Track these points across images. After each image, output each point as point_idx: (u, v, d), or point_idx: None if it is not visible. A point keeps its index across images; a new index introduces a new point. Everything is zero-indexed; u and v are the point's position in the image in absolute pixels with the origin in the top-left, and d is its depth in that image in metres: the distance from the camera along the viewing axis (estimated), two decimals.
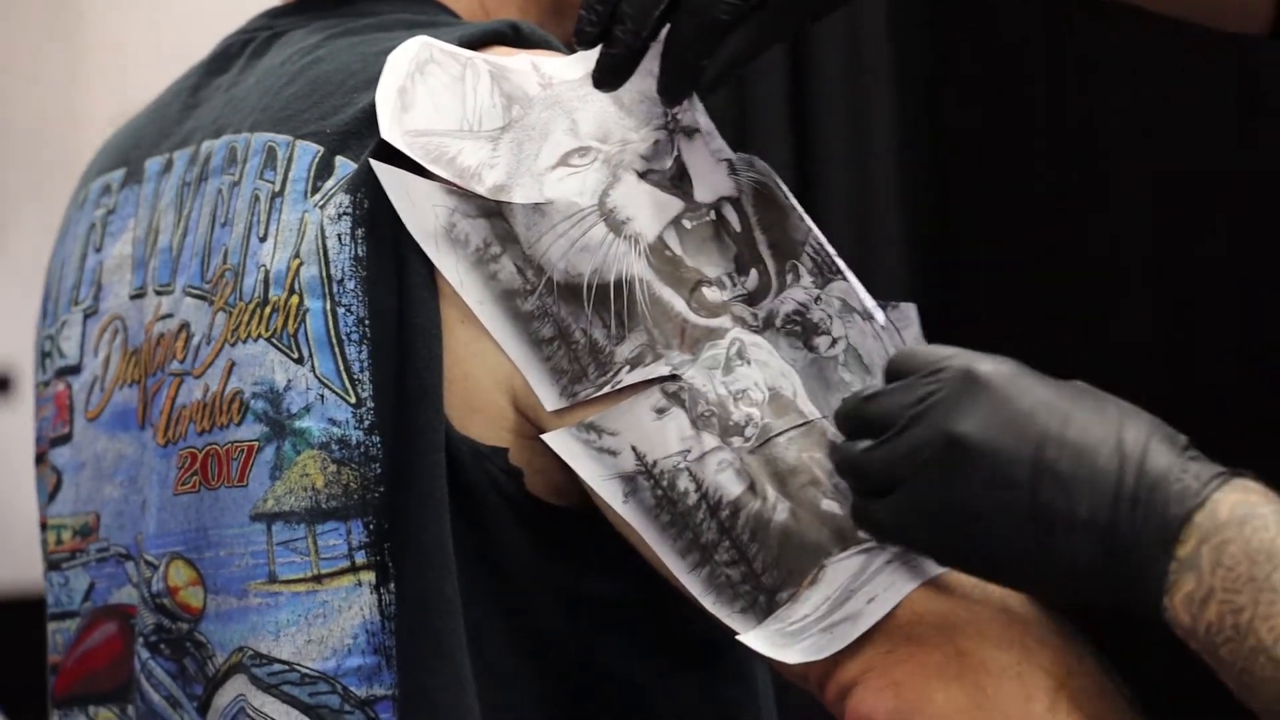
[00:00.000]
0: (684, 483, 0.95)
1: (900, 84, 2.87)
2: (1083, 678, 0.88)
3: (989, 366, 0.85)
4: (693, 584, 0.95)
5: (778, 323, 0.97)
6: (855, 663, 0.90)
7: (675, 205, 0.98)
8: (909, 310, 1.00)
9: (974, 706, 0.87)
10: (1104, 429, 0.82)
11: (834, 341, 0.98)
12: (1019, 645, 0.88)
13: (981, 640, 0.88)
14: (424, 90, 1.01)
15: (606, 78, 0.97)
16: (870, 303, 0.98)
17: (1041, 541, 0.83)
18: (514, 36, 1.07)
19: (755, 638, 0.93)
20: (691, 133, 1.01)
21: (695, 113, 1.01)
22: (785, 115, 2.77)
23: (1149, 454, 0.81)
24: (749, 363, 0.95)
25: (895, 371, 0.89)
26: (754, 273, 0.98)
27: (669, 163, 0.99)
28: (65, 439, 1.16)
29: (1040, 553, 0.83)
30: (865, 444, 0.88)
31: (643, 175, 0.98)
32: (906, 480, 0.86)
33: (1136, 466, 0.81)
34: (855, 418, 0.89)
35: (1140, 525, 0.80)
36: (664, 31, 0.97)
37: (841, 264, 0.99)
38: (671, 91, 0.97)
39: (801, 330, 0.97)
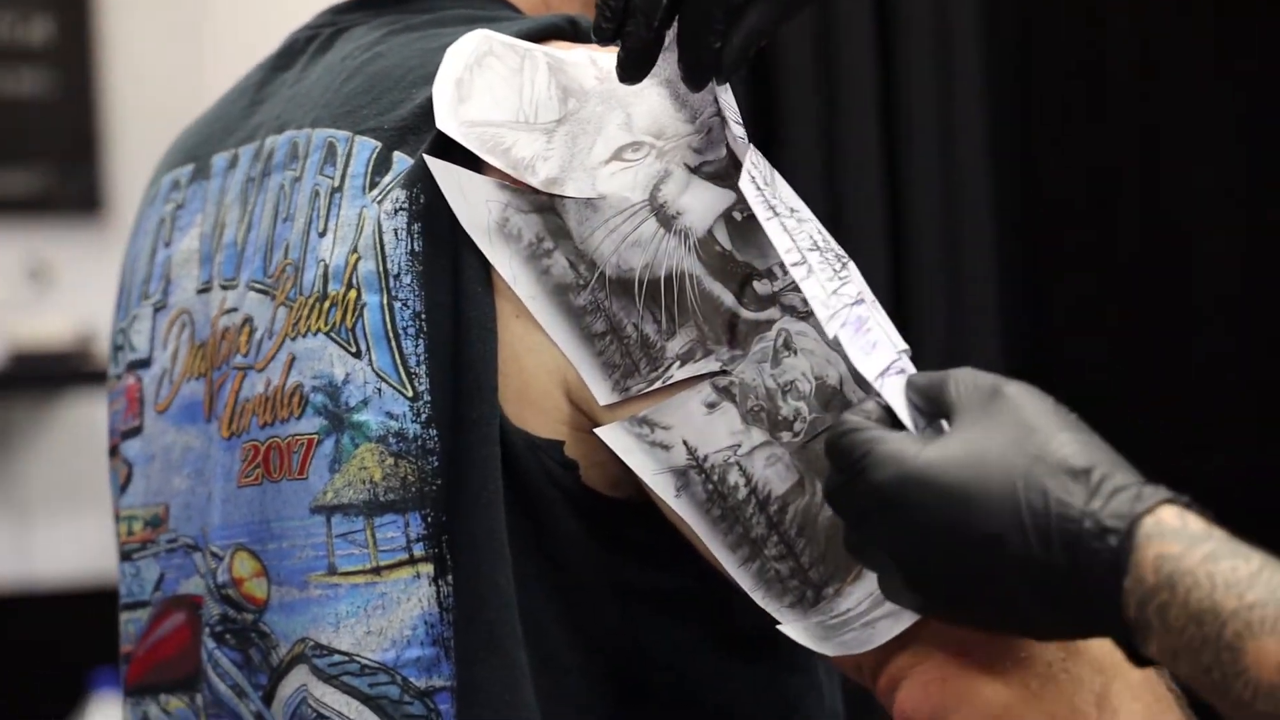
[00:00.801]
0: (734, 477, 0.95)
1: (989, 64, 2.85)
2: (1129, 674, 0.87)
3: (883, 476, 0.83)
4: (743, 578, 0.96)
5: None
6: (904, 656, 0.91)
7: (726, 199, 0.98)
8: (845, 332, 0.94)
9: (1019, 702, 0.86)
10: (1010, 521, 0.79)
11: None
12: (1064, 642, 0.87)
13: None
14: (482, 82, 1.02)
15: (628, 72, 0.97)
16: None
17: (1007, 619, 0.83)
18: (572, 31, 1.07)
19: (797, 629, 0.93)
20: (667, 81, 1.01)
21: (721, 95, 1.00)
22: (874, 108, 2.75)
23: (1059, 534, 0.78)
24: (795, 352, 0.95)
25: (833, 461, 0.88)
26: None
27: (722, 151, 0.99)
28: (136, 431, 1.18)
29: (1016, 621, 0.83)
30: (838, 479, 0.87)
31: (695, 169, 0.98)
32: (857, 524, 0.86)
33: (1056, 549, 0.78)
34: (829, 452, 0.88)
35: (1084, 604, 0.79)
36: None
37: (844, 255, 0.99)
38: (693, 76, 0.97)
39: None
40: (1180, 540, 0.76)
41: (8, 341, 3.68)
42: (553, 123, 1.01)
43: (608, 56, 1.03)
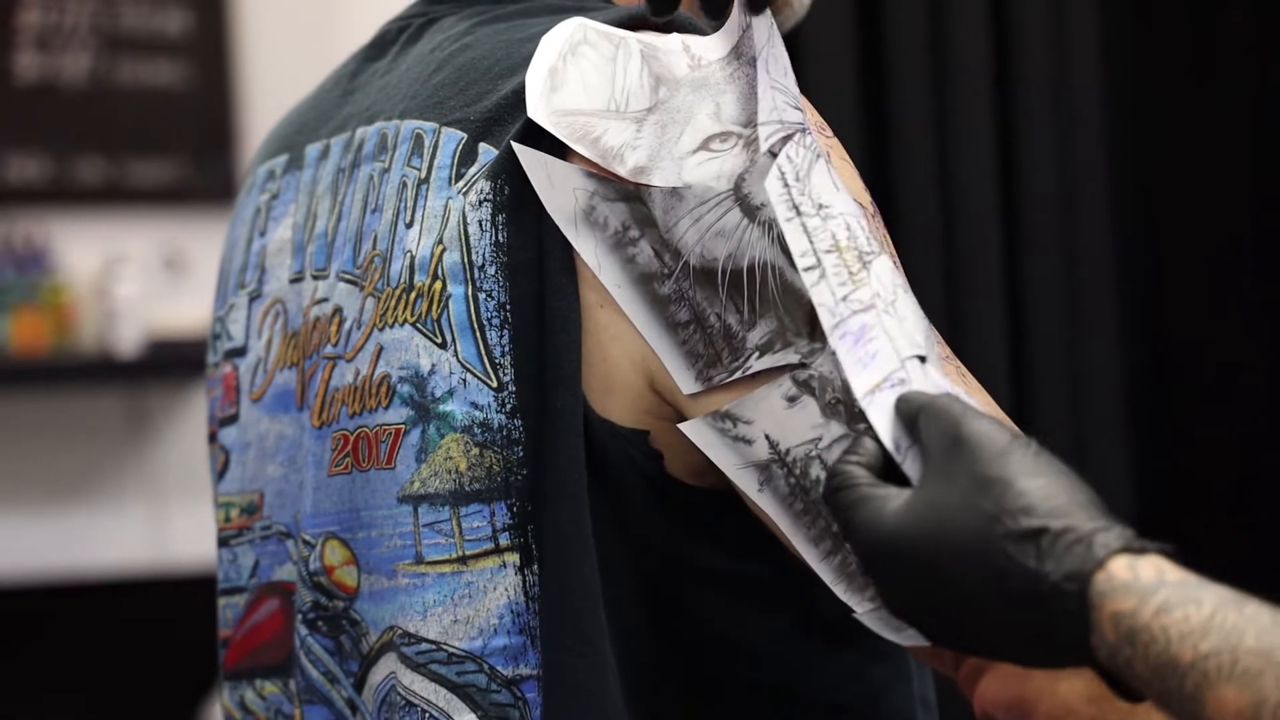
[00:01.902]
0: (816, 470, 0.95)
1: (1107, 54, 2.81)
2: None
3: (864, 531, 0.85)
4: (825, 571, 0.95)
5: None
6: None
7: None
8: (842, 345, 0.94)
9: (1094, 698, 0.85)
10: (977, 586, 0.80)
11: None
12: None
13: None
14: (575, 71, 1.02)
15: (658, 6, 1.00)
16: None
17: (1000, 656, 0.84)
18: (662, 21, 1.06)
19: (872, 618, 0.93)
20: (752, 61, 1.00)
21: (778, 78, 0.99)
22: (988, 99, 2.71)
23: (1022, 598, 0.79)
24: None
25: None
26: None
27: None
28: (232, 419, 1.20)
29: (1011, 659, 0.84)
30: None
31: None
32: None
33: (1024, 611, 0.79)
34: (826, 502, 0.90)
35: (1063, 658, 0.79)
36: None
37: None
38: (711, 6, 0.98)
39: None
40: (1132, 595, 0.76)
41: (145, 329, 3.75)
42: (643, 111, 1.00)
43: (701, 42, 1.03)
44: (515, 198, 1.01)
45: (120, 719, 3.71)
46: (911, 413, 0.88)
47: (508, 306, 1.00)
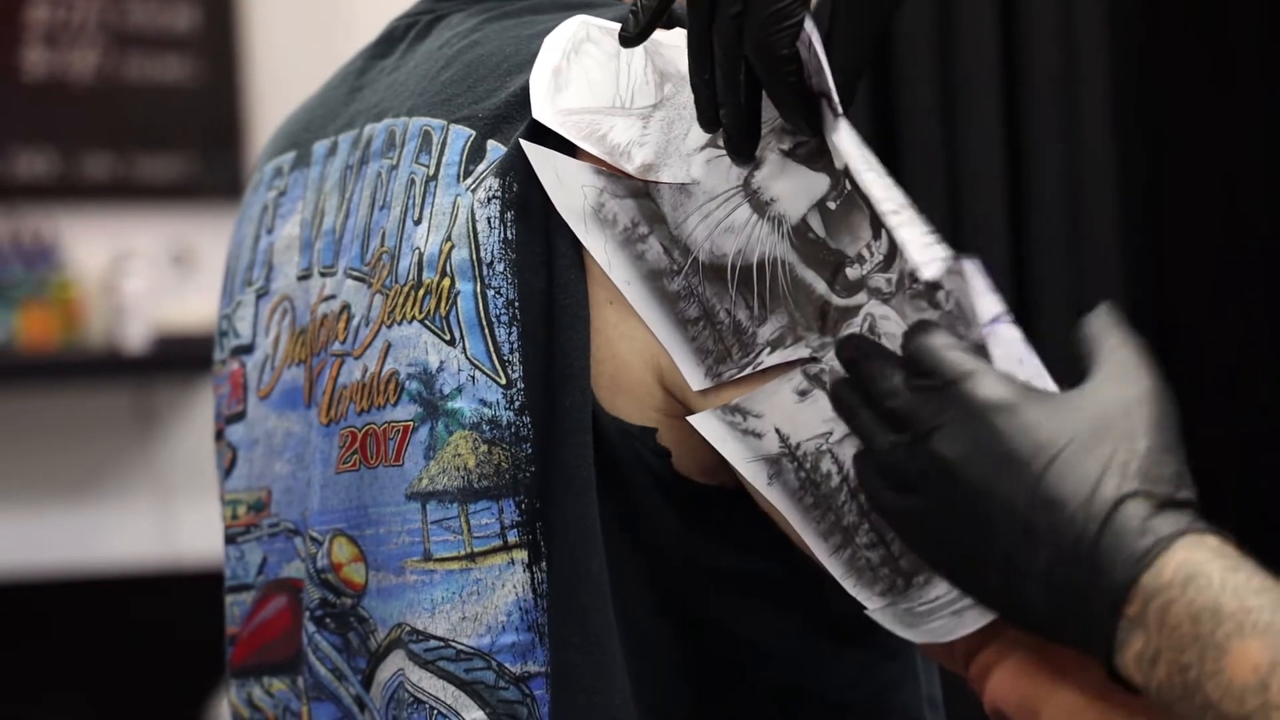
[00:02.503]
0: (826, 465, 0.95)
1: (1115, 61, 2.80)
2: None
3: (989, 394, 0.84)
4: (834, 566, 0.95)
5: (906, 284, 0.94)
6: (994, 647, 0.89)
7: (820, 186, 0.97)
8: (970, 267, 0.91)
9: (1103, 699, 0.85)
10: (1080, 481, 0.81)
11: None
12: None
13: None
14: (579, 69, 1.01)
15: (739, 155, 0.96)
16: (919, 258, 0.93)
17: (1008, 583, 0.83)
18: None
19: (884, 614, 0.93)
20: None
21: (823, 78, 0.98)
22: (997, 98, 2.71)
23: (1117, 512, 0.80)
24: (880, 337, 0.94)
25: (917, 365, 0.87)
26: (884, 234, 0.95)
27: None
28: (239, 416, 1.20)
29: (1007, 594, 0.83)
30: (889, 439, 0.87)
31: (789, 152, 0.97)
32: (911, 489, 0.86)
33: (1099, 525, 0.79)
34: (879, 413, 0.89)
35: (1089, 586, 0.79)
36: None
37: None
38: (808, 128, 0.95)
39: (925, 288, 0.94)
40: (1209, 551, 0.78)
41: (152, 325, 3.75)
42: (649, 108, 1.00)
43: None
44: (524, 195, 1.00)
45: (127, 715, 3.71)
46: (1100, 327, 0.89)
47: (516, 303, 1.00)
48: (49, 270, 3.75)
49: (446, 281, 1.02)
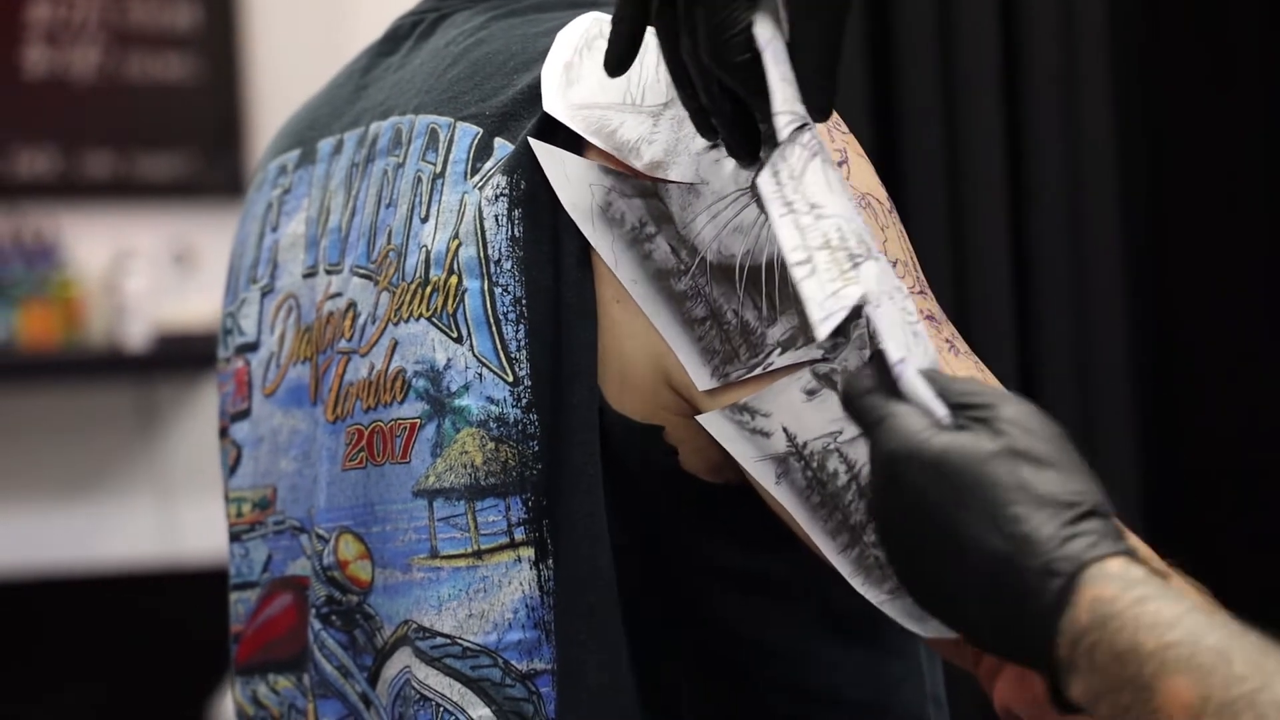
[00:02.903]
0: (834, 464, 0.95)
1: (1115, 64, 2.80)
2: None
3: (890, 445, 0.84)
4: (842, 564, 0.95)
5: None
6: None
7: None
8: (874, 313, 0.90)
9: None
10: (986, 524, 0.81)
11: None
12: None
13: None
14: (591, 65, 1.01)
15: (743, 156, 0.96)
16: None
17: (967, 622, 0.84)
18: None
19: (894, 608, 0.93)
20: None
21: (771, 76, 0.94)
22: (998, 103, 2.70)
23: (1017, 558, 0.80)
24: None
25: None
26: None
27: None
28: (244, 414, 1.20)
29: (969, 630, 0.84)
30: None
31: None
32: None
33: (1010, 570, 0.80)
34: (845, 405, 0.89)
35: (1022, 633, 0.80)
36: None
37: None
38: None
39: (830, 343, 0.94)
40: (1116, 583, 0.78)
41: (153, 324, 3.75)
42: (659, 106, 1.00)
43: None
44: (531, 192, 1.00)
45: (130, 713, 3.71)
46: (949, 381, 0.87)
47: (523, 301, 1.00)
48: (50, 269, 3.75)
49: (454, 279, 1.02)
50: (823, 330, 0.87)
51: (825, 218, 0.91)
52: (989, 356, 1.03)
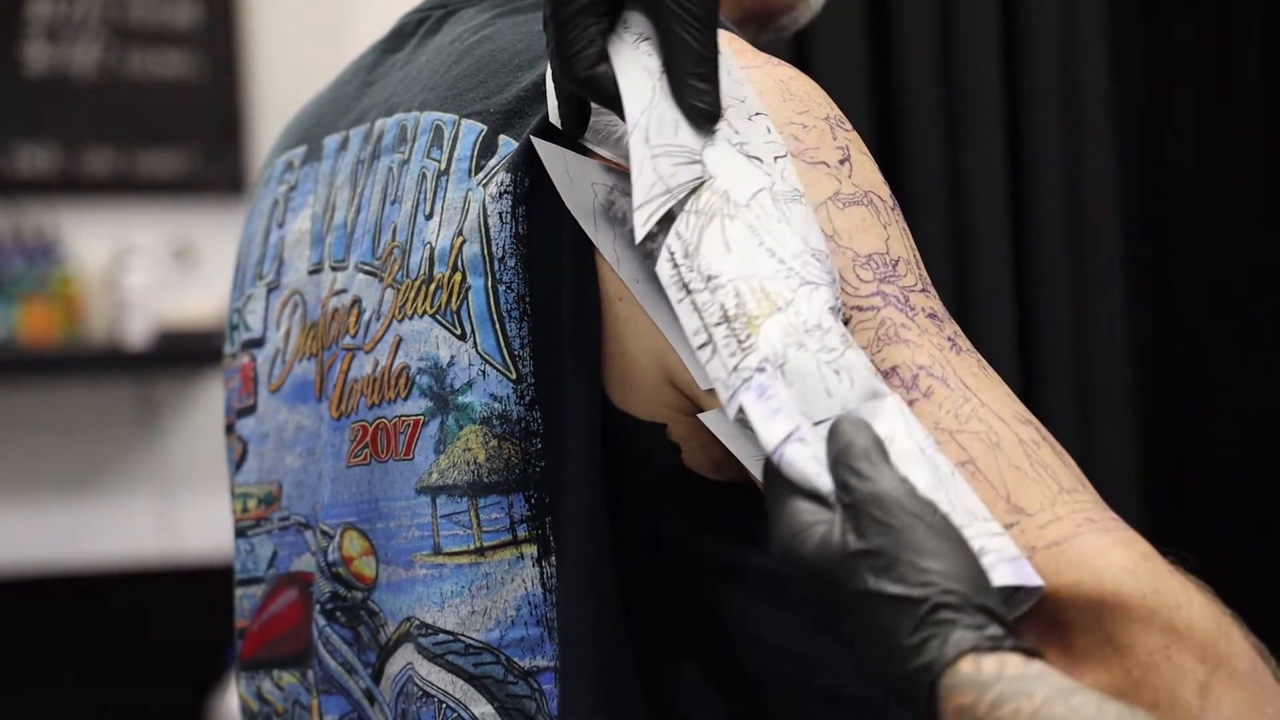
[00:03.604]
0: None
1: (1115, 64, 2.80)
2: (1235, 662, 0.85)
3: (778, 532, 0.86)
4: None
5: None
6: None
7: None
8: (747, 398, 0.91)
9: (1120, 690, 0.84)
10: (861, 641, 0.83)
11: None
12: (1167, 629, 0.85)
13: (1130, 623, 0.85)
14: None
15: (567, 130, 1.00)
16: None
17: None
18: None
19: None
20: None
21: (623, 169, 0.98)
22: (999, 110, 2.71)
23: (888, 670, 0.81)
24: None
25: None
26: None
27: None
28: (250, 410, 1.20)
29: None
30: None
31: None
32: None
33: (888, 680, 0.82)
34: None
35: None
36: None
37: None
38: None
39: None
40: (972, 689, 0.78)
41: (154, 321, 3.75)
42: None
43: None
44: (535, 190, 1.00)
45: (131, 709, 3.71)
46: (832, 451, 0.88)
47: (527, 299, 1.00)
48: (50, 265, 3.75)
49: (458, 276, 1.02)
50: (730, 410, 0.88)
51: (721, 287, 0.91)
52: (991, 356, 1.03)
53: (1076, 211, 2.73)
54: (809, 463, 0.86)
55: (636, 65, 0.96)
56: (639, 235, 0.93)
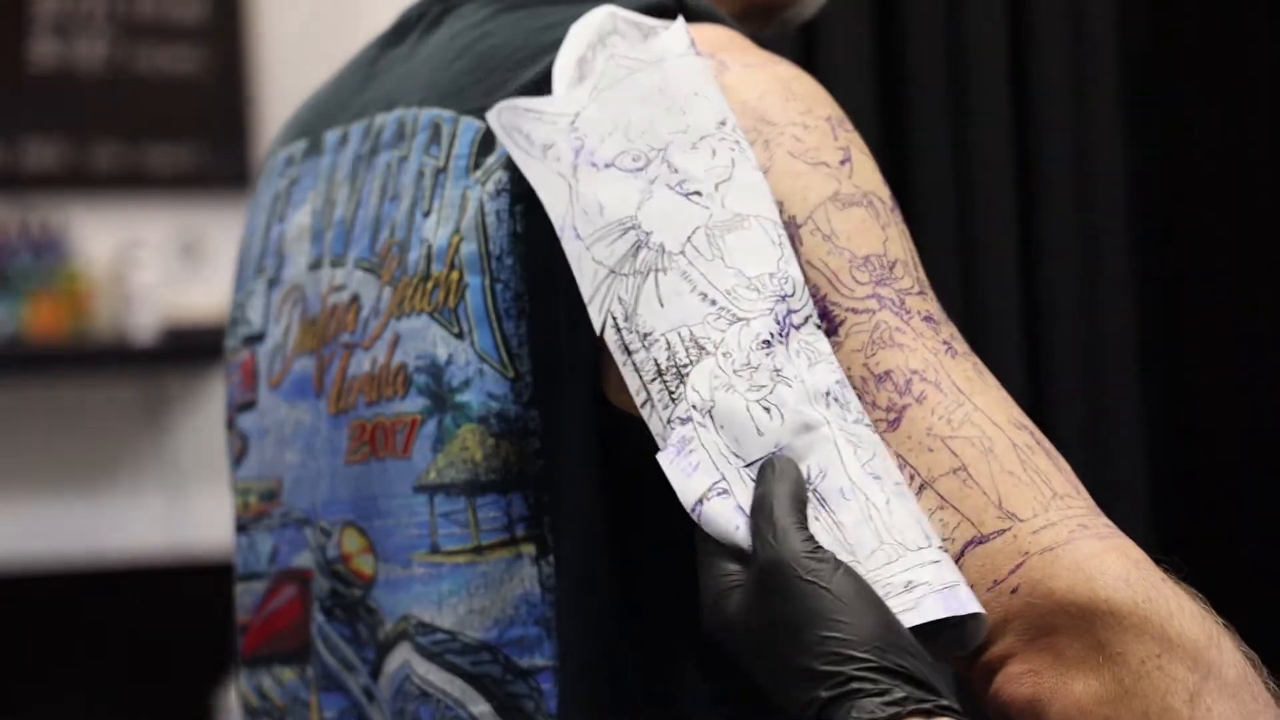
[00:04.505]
0: None
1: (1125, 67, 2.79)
2: (1225, 671, 0.84)
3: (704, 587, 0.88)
4: None
5: None
6: (999, 647, 0.88)
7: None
8: (664, 459, 0.93)
9: (1111, 699, 0.84)
10: (775, 675, 0.84)
11: None
12: (1159, 637, 0.84)
13: (1122, 631, 0.85)
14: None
15: None
16: None
17: None
18: (675, 6, 1.05)
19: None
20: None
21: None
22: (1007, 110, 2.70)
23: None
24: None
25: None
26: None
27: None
28: (250, 405, 1.20)
29: None
30: None
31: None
32: None
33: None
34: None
35: None
36: None
37: None
38: None
39: None
40: None
41: (161, 316, 3.75)
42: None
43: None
44: (532, 188, 1.00)
45: (137, 704, 3.72)
46: (754, 499, 0.89)
47: (525, 297, 1.00)
48: (57, 260, 3.75)
49: (455, 274, 1.02)
50: (663, 460, 0.90)
51: (655, 343, 0.93)
52: (996, 357, 1.02)
53: (1083, 210, 2.72)
54: (730, 515, 0.87)
55: (549, 173, 0.98)
56: (597, 328, 0.94)
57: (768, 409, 0.89)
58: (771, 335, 0.91)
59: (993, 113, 2.65)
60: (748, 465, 0.89)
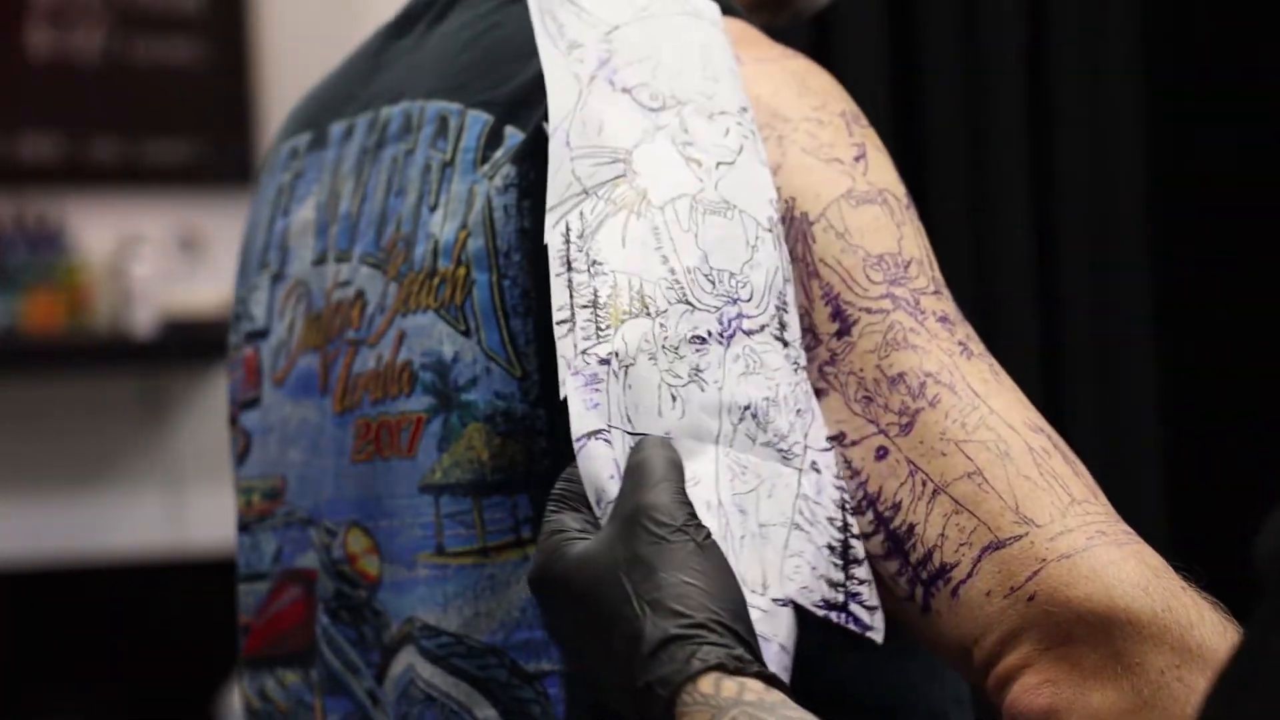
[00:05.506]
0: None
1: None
2: None
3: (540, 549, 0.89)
4: None
5: None
6: (1015, 656, 0.87)
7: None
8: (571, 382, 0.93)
9: (1129, 710, 0.83)
10: (596, 630, 0.85)
11: None
12: (1179, 647, 0.83)
13: (1140, 642, 0.84)
14: None
15: None
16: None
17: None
18: None
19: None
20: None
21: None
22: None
23: (625, 680, 0.83)
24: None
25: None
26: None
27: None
28: (254, 403, 1.18)
29: None
30: None
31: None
32: None
33: (618, 675, 0.84)
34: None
35: None
36: None
37: None
38: None
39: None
40: (708, 709, 0.80)
41: (160, 311, 3.73)
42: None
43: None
44: (541, 182, 0.98)
45: (137, 704, 3.71)
46: (629, 464, 0.89)
47: (532, 294, 0.98)
48: (55, 254, 3.73)
49: (462, 271, 1.00)
50: (561, 389, 0.91)
51: (603, 274, 0.93)
52: (1011, 356, 1.01)
53: (1100, 210, 2.71)
54: (608, 463, 0.89)
55: (565, 70, 0.97)
56: (548, 235, 0.94)
57: (674, 398, 0.90)
58: (709, 334, 0.91)
59: (1010, 108, 2.63)
60: (633, 435, 0.90)
